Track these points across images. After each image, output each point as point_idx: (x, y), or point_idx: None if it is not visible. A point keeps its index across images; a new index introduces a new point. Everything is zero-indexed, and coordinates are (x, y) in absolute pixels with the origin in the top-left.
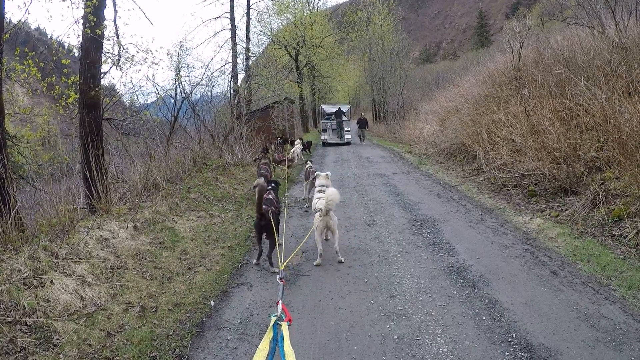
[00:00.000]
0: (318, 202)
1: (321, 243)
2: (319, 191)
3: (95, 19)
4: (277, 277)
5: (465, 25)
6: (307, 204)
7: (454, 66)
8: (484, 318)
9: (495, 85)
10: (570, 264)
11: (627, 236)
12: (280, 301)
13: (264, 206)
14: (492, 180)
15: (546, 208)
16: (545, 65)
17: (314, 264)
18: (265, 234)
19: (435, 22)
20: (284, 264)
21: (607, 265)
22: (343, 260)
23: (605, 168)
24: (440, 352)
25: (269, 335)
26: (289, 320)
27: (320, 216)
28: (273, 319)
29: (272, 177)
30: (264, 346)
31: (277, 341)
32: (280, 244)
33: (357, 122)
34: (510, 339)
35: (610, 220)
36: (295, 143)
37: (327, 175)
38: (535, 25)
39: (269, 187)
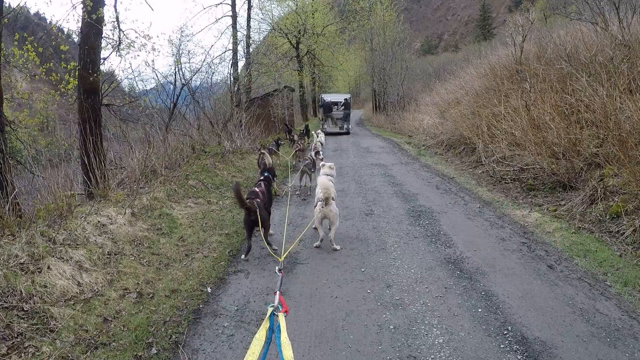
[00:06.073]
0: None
1: (321, 229)
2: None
3: (91, 4)
4: (277, 268)
5: (467, 18)
6: (297, 192)
7: (456, 58)
8: (480, 310)
9: (497, 78)
10: (567, 258)
11: (624, 233)
12: (278, 292)
13: (247, 200)
14: (490, 173)
15: (544, 202)
16: (547, 60)
17: (314, 245)
18: (256, 226)
19: (437, 13)
20: (285, 255)
21: (604, 262)
22: (338, 248)
23: (604, 164)
24: (436, 342)
25: (265, 325)
26: (286, 311)
27: (321, 207)
28: (270, 310)
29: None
30: (260, 336)
31: (273, 331)
32: (274, 247)
33: (321, 106)
34: (505, 332)
35: (608, 217)
36: (317, 134)
37: (330, 166)
38: (538, 20)
39: (261, 178)
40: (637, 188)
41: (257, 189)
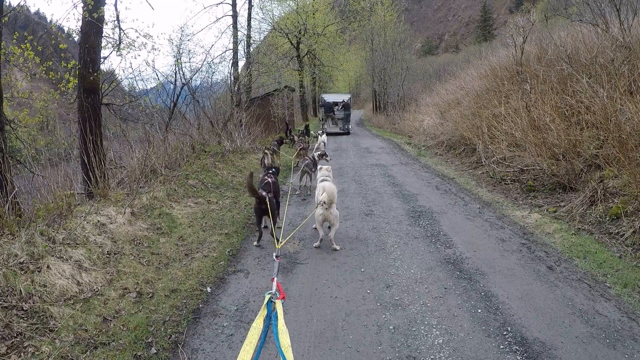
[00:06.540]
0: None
1: (322, 230)
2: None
3: (92, 3)
4: (274, 254)
5: (468, 19)
6: (297, 192)
7: (456, 59)
8: (479, 311)
9: (497, 79)
10: (567, 260)
11: (624, 234)
12: (275, 278)
13: (262, 192)
14: (490, 174)
15: (544, 203)
16: (548, 61)
17: (314, 245)
18: (265, 216)
19: (438, 14)
20: (282, 243)
21: (604, 263)
22: (338, 248)
23: (604, 166)
24: (436, 343)
25: (262, 313)
26: (283, 297)
27: (322, 210)
28: (267, 297)
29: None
30: (257, 324)
31: (270, 319)
32: (279, 227)
33: (322, 106)
34: (505, 333)
35: (607, 218)
36: (319, 134)
37: (327, 169)
38: (538, 21)
39: (270, 172)
40: (637, 190)
41: (268, 179)
